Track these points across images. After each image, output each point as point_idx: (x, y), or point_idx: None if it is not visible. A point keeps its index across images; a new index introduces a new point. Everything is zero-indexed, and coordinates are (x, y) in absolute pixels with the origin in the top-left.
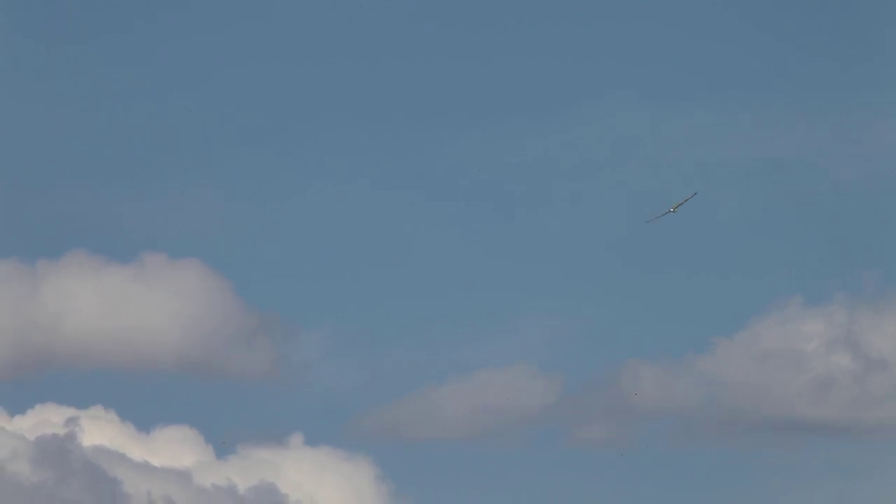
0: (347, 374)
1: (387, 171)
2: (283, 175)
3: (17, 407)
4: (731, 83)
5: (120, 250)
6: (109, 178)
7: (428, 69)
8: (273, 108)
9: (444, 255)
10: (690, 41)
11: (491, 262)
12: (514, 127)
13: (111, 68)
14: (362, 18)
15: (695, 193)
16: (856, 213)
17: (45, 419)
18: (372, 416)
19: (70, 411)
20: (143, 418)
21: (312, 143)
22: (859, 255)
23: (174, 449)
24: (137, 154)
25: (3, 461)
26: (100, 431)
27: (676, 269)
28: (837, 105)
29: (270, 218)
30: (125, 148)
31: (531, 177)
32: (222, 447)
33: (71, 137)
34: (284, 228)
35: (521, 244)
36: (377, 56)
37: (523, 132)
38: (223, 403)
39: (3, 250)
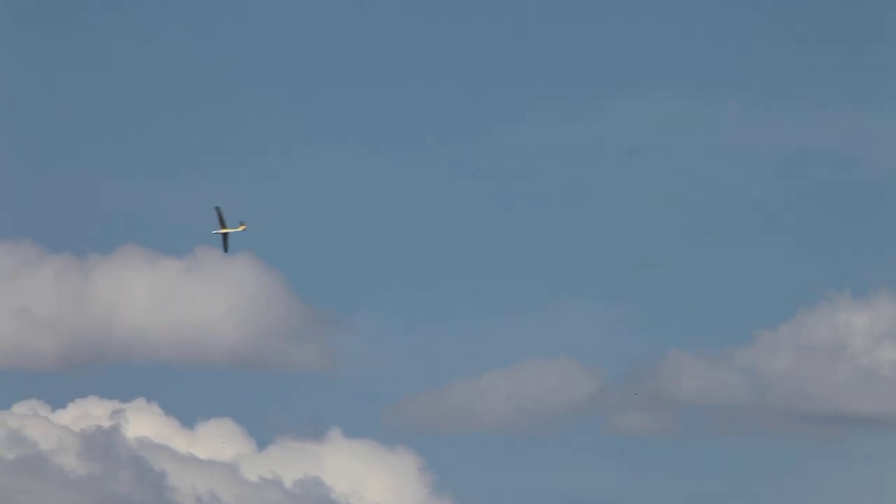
0: (389, 366)
1: (431, 165)
2: (332, 171)
3: (62, 399)
4: (776, 73)
5: (173, 244)
6: (162, 172)
7: (475, 53)
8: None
9: (485, 247)
10: (734, 31)
11: (533, 253)
12: (552, 116)
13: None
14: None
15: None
16: None
17: (89, 412)
18: (413, 409)
19: (113, 404)
20: (186, 411)
21: (365, 139)
22: None
23: (216, 442)
24: (190, 149)
25: (49, 453)
26: (143, 424)
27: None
28: (885, 96)
29: (320, 212)
30: (178, 142)
31: (572, 168)
32: (264, 440)
33: (123, 132)
34: (333, 223)
35: (562, 236)
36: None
37: (562, 121)
38: (265, 396)
39: (57, 245)
